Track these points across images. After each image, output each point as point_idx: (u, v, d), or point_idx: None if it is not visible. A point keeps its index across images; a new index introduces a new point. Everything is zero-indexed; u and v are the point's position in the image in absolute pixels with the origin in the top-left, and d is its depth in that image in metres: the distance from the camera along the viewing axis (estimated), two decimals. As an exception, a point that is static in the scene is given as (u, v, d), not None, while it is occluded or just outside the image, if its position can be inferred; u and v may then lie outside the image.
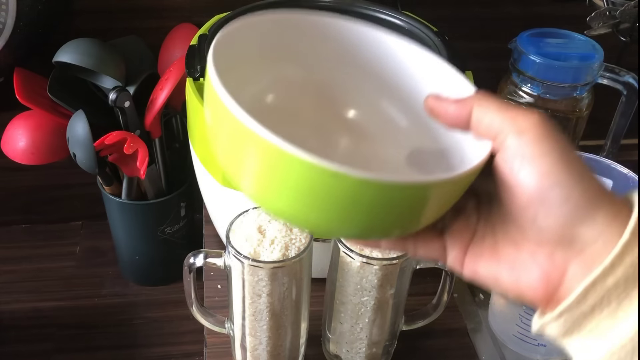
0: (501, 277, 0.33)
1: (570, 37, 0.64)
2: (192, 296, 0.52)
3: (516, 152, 0.31)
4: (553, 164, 0.30)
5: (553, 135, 0.31)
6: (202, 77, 0.56)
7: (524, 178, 0.30)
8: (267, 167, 0.30)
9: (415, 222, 0.33)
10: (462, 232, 0.35)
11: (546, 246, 0.31)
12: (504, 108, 0.32)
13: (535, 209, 0.31)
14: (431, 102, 0.35)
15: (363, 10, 0.66)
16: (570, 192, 0.30)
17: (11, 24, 0.64)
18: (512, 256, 0.33)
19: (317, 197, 0.30)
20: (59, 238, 0.89)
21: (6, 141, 0.69)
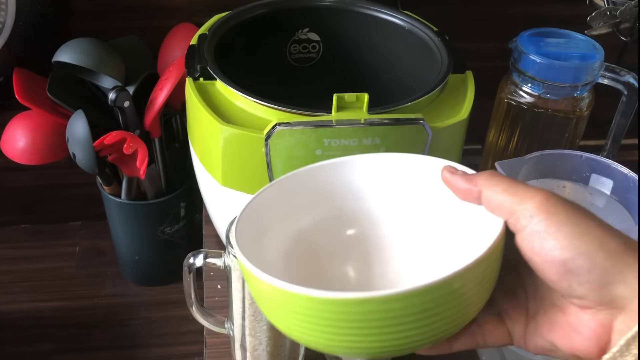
0: (557, 344, 0.35)
1: (571, 36, 0.64)
2: (191, 296, 0.52)
3: (532, 231, 0.33)
4: (569, 236, 0.32)
5: (563, 209, 0.32)
6: (201, 77, 0.56)
7: (547, 255, 0.32)
8: (333, 314, 0.32)
9: (463, 315, 0.35)
10: (516, 312, 0.37)
11: (589, 308, 0.33)
12: (511, 189, 0.34)
13: (568, 280, 0.32)
14: (446, 175, 0.39)
15: (363, 10, 0.66)
16: (594, 259, 0.31)
17: (11, 23, 0.64)
18: (561, 322, 0.35)
19: (360, 325, 0.32)
20: (58, 238, 0.89)
21: (6, 141, 0.69)
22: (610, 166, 0.55)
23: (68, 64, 0.65)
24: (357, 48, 0.68)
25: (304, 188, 0.44)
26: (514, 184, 0.35)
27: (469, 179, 0.37)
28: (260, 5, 0.65)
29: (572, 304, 0.34)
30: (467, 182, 0.37)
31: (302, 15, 0.67)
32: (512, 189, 0.34)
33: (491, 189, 0.35)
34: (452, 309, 0.33)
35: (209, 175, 0.57)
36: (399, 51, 0.66)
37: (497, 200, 0.35)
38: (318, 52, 0.69)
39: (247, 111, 0.53)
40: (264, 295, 0.35)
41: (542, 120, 0.64)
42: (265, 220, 0.42)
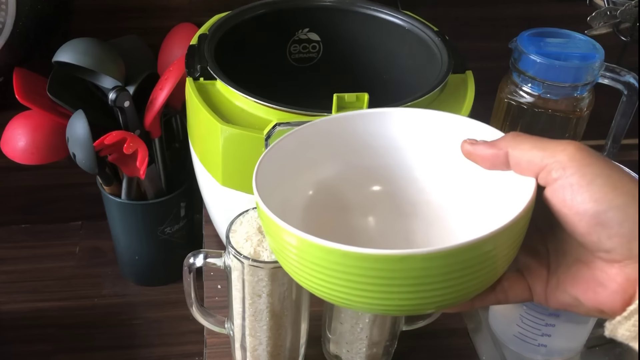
0: (581, 298, 0.35)
1: (571, 36, 0.64)
2: (192, 296, 0.52)
3: (564, 184, 0.32)
4: (602, 188, 0.31)
5: (595, 161, 0.32)
6: (201, 77, 0.56)
7: (578, 207, 0.32)
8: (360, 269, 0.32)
9: (492, 275, 0.35)
10: (538, 269, 0.37)
11: (616, 262, 0.33)
12: (539, 144, 0.34)
13: (598, 233, 0.32)
14: (467, 147, 0.38)
15: (363, 10, 0.66)
16: (627, 211, 0.31)
17: (11, 23, 0.64)
18: (586, 276, 0.34)
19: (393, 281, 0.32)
20: (58, 238, 0.89)
21: (6, 141, 0.69)
22: (610, 166, 0.55)
23: (68, 64, 0.65)
24: (357, 48, 0.68)
25: (329, 137, 0.43)
26: (541, 139, 0.34)
27: (492, 144, 0.36)
28: (260, 5, 0.65)
29: (599, 258, 0.33)
30: (491, 148, 0.36)
31: (302, 15, 0.67)
32: (540, 144, 0.34)
33: (518, 147, 0.35)
34: (483, 269, 0.33)
35: (209, 175, 0.57)
36: (399, 51, 0.66)
37: (526, 157, 0.34)
38: (318, 52, 0.69)
39: (247, 111, 0.53)
40: (286, 247, 0.34)
41: (542, 120, 0.64)
42: (285, 167, 0.41)
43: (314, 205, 0.42)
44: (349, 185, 0.44)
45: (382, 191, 0.44)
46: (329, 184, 0.43)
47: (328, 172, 0.43)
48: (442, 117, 0.42)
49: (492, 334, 0.61)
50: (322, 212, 0.42)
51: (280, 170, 0.41)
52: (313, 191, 0.43)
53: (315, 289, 0.35)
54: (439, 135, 0.42)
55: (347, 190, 0.44)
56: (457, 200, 0.42)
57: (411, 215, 0.43)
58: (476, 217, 0.41)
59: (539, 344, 0.57)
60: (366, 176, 0.44)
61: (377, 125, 0.43)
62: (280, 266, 0.46)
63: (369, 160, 0.44)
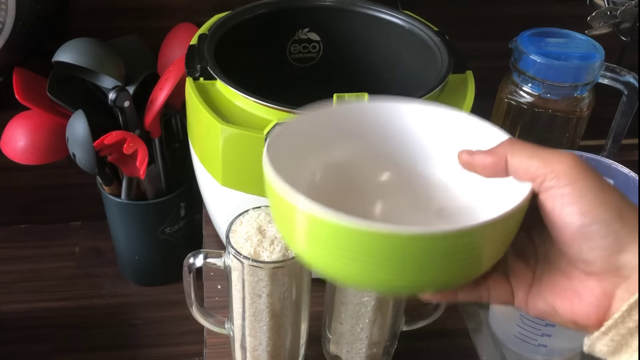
0: (557, 308, 0.36)
1: (571, 36, 0.64)
2: (191, 296, 0.52)
3: (556, 193, 0.33)
4: (591, 202, 0.32)
5: (589, 176, 0.33)
6: (201, 77, 0.56)
7: (565, 217, 0.33)
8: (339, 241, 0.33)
9: (476, 267, 0.36)
10: (523, 273, 0.38)
11: (594, 275, 0.34)
12: (537, 153, 0.35)
13: (580, 244, 0.33)
14: (465, 157, 0.39)
15: (363, 10, 0.66)
16: (610, 227, 0.32)
17: (10, 23, 0.64)
18: (565, 286, 0.35)
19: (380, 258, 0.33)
20: (58, 238, 0.89)
21: (6, 141, 0.69)
22: (610, 166, 0.55)
23: (68, 64, 0.65)
24: (357, 48, 0.68)
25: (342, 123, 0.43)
26: (540, 148, 0.35)
27: (490, 153, 0.37)
28: (260, 5, 0.65)
29: (579, 269, 0.34)
30: (491, 156, 0.37)
31: (302, 15, 0.67)
32: (538, 153, 0.35)
33: (516, 155, 0.35)
34: (468, 258, 0.34)
35: (209, 175, 0.57)
36: (399, 51, 0.66)
37: (524, 165, 0.35)
38: (318, 52, 0.69)
39: (247, 111, 0.53)
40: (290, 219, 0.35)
41: (543, 120, 0.64)
42: (296, 147, 0.41)
43: (321, 187, 0.43)
44: (358, 171, 0.44)
45: (389, 181, 0.45)
46: (338, 167, 0.44)
47: (338, 156, 0.44)
48: (457, 116, 0.43)
49: (492, 334, 0.61)
50: (329, 195, 0.42)
51: (290, 150, 0.41)
52: (321, 173, 0.43)
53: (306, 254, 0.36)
54: (450, 132, 0.43)
55: (356, 176, 0.44)
56: (460, 200, 0.43)
57: (415, 206, 0.44)
58: (473, 213, 0.41)
59: (539, 344, 0.57)
60: (375, 165, 0.45)
61: (391, 117, 0.44)
62: (280, 266, 0.46)
63: (378, 149, 0.44)
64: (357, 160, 0.44)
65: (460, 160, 0.39)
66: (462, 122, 0.42)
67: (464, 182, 0.42)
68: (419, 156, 0.44)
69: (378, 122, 0.44)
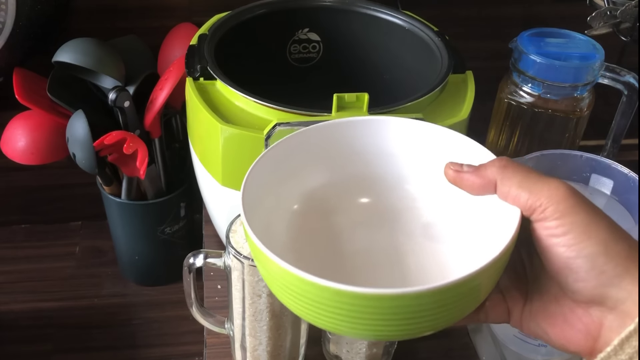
0: (548, 332, 0.36)
1: (571, 36, 0.64)
2: (191, 296, 0.52)
3: (543, 226, 0.33)
4: (577, 236, 0.32)
5: (577, 210, 0.33)
6: (201, 77, 0.56)
7: (552, 249, 0.33)
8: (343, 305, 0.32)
9: (477, 302, 0.35)
10: (517, 293, 0.38)
11: (582, 304, 0.34)
12: (527, 182, 0.34)
13: (566, 276, 0.33)
14: (452, 175, 0.38)
15: (363, 10, 0.66)
16: (594, 261, 0.32)
17: (10, 23, 0.64)
18: (555, 312, 0.36)
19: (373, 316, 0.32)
20: (58, 238, 0.89)
21: (6, 141, 0.69)
22: (610, 166, 0.55)
23: (68, 64, 0.65)
24: (357, 48, 0.68)
25: (316, 146, 0.42)
26: (529, 177, 0.35)
27: (479, 174, 0.36)
28: (260, 5, 0.65)
29: (567, 297, 0.35)
30: (479, 178, 0.36)
31: (302, 15, 0.67)
32: (528, 184, 0.34)
33: (505, 183, 0.35)
34: (469, 299, 0.34)
35: (209, 175, 0.57)
36: (399, 51, 0.66)
37: (513, 194, 0.35)
38: (318, 52, 0.69)
39: (247, 111, 0.53)
40: (273, 275, 0.34)
41: (542, 120, 0.64)
42: (271, 179, 0.41)
43: (300, 218, 0.42)
44: (336, 197, 0.43)
45: (370, 203, 0.44)
46: (315, 195, 0.43)
47: (315, 182, 0.43)
48: (436, 130, 0.42)
49: (492, 334, 0.61)
50: (308, 226, 0.42)
51: (266, 182, 0.40)
52: (299, 203, 0.42)
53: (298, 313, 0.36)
54: (431, 148, 0.42)
55: (335, 202, 0.43)
56: (446, 216, 0.42)
57: (400, 231, 0.43)
58: (465, 234, 0.41)
59: (539, 344, 0.57)
60: (354, 187, 0.44)
61: (368, 134, 0.43)
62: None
63: (358, 169, 0.44)
64: (335, 184, 0.43)
65: (446, 175, 0.38)
66: (444, 137, 0.41)
67: (449, 196, 0.41)
68: (401, 172, 0.43)
69: (355, 140, 0.43)
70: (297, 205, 0.42)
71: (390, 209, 0.43)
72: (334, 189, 0.43)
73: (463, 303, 0.34)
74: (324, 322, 0.34)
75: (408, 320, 0.33)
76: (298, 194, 0.42)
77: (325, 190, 0.43)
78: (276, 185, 0.41)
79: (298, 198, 0.42)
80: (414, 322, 0.33)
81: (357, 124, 0.43)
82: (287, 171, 0.42)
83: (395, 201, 0.44)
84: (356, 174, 0.44)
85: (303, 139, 0.42)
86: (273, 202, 0.41)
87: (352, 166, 0.44)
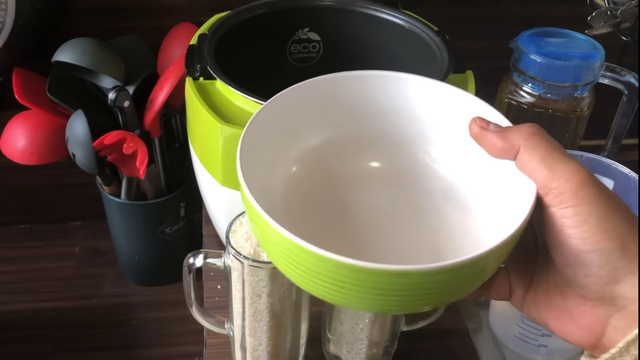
0: (550, 323, 0.35)
1: (571, 36, 0.64)
2: (191, 296, 0.52)
3: (557, 213, 0.32)
4: (592, 229, 0.31)
5: (596, 199, 0.31)
6: (201, 77, 0.56)
7: (565, 239, 0.31)
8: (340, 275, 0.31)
9: (483, 279, 0.34)
10: (522, 274, 0.36)
11: (589, 300, 0.32)
12: (549, 160, 0.32)
13: (576, 269, 0.32)
14: (477, 130, 0.36)
15: (363, 10, 0.66)
16: (609, 257, 0.31)
17: (10, 23, 0.64)
18: (559, 305, 0.34)
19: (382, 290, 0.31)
20: (58, 238, 0.89)
21: (5, 141, 0.69)
22: (610, 166, 0.55)
23: (68, 63, 0.65)
24: (357, 48, 0.68)
25: (320, 100, 0.39)
26: (553, 153, 0.33)
27: (504, 136, 0.34)
28: (260, 5, 0.65)
29: (574, 291, 0.33)
30: (502, 140, 0.34)
31: (302, 15, 0.67)
32: (549, 161, 0.32)
33: (528, 152, 0.33)
34: (476, 278, 0.33)
35: (209, 175, 0.57)
36: (399, 51, 0.66)
37: (531, 166, 0.33)
38: (318, 52, 0.69)
39: (247, 111, 0.53)
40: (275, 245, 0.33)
41: (543, 120, 0.64)
42: (271, 137, 0.38)
43: (303, 179, 0.39)
44: (341, 159, 0.40)
45: (379, 168, 0.41)
46: (317, 156, 0.40)
47: (316, 141, 0.40)
48: (457, 93, 0.39)
49: (493, 334, 0.61)
50: (312, 188, 0.39)
51: (265, 141, 0.37)
52: (299, 165, 0.39)
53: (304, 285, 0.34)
54: (448, 111, 0.39)
55: (340, 165, 0.41)
56: (459, 184, 0.40)
57: (409, 199, 0.40)
58: (476, 207, 0.39)
59: (539, 344, 0.57)
60: (362, 148, 0.41)
61: (380, 90, 0.40)
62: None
63: (366, 128, 0.40)
64: (340, 144, 0.40)
65: (470, 130, 0.36)
66: (466, 103, 0.39)
67: (466, 166, 0.39)
68: (415, 134, 0.40)
69: (365, 97, 0.40)
70: (297, 166, 0.40)
71: (400, 171, 0.41)
72: (338, 150, 0.41)
73: (468, 281, 0.33)
74: (322, 293, 0.33)
75: (411, 297, 0.31)
76: (297, 155, 0.40)
77: (328, 152, 0.40)
78: (277, 143, 0.38)
79: (300, 158, 0.40)
80: (416, 298, 0.32)
81: (369, 78, 0.39)
82: (289, 128, 0.39)
83: (408, 163, 0.41)
84: (363, 133, 0.41)
85: (307, 92, 0.39)
86: (273, 161, 0.38)
87: (358, 124, 0.40)
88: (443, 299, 0.33)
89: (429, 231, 0.39)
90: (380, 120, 0.40)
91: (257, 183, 0.34)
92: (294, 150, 0.39)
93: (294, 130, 0.39)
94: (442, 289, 0.32)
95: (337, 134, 0.40)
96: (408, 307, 0.33)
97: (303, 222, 0.37)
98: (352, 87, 0.40)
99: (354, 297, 0.32)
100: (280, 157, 0.39)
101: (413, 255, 0.38)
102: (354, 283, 0.31)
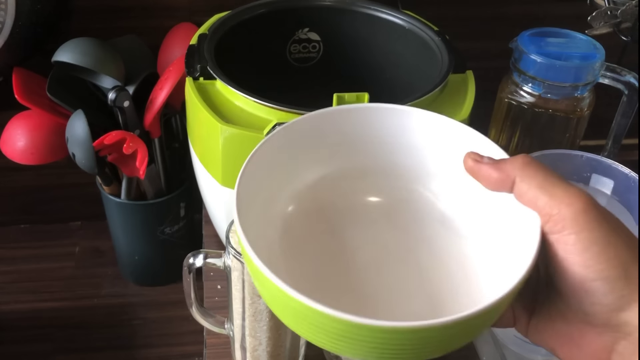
0: (556, 349, 0.34)
1: (571, 36, 0.64)
2: (191, 297, 0.52)
3: (560, 240, 0.31)
4: (595, 256, 0.30)
5: (597, 225, 0.30)
6: (201, 77, 0.56)
7: (568, 267, 0.31)
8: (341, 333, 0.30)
9: (484, 328, 0.34)
10: (526, 301, 0.36)
11: (594, 327, 0.32)
12: (548, 186, 0.32)
13: (580, 297, 0.31)
14: (471, 162, 0.35)
15: (363, 10, 0.66)
16: (613, 285, 0.30)
17: (10, 23, 0.64)
18: (565, 332, 0.33)
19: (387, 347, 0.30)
20: (58, 238, 0.89)
21: (5, 141, 0.69)
22: (611, 166, 0.55)
23: (68, 63, 0.64)
24: (357, 48, 0.68)
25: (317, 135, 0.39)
26: (551, 180, 0.32)
27: (499, 167, 0.34)
28: (260, 5, 0.65)
29: (578, 318, 0.32)
30: (497, 171, 0.34)
31: (302, 15, 0.67)
32: (548, 187, 0.32)
33: (525, 181, 0.32)
34: (478, 326, 0.33)
35: (209, 175, 0.57)
36: (399, 51, 0.66)
37: (530, 195, 0.32)
38: (318, 52, 0.69)
39: (247, 111, 0.53)
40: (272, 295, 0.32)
41: (543, 120, 0.64)
42: (267, 180, 0.38)
43: (299, 220, 0.39)
44: (339, 194, 0.40)
45: (378, 202, 0.41)
46: (314, 193, 0.39)
47: (312, 177, 0.40)
48: (457, 127, 0.38)
49: (492, 334, 0.61)
50: (307, 230, 0.38)
51: (261, 184, 0.37)
52: (295, 204, 0.39)
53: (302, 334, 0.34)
54: (448, 144, 0.39)
55: (337, 200, 0.40)
56: (461, 219, 0.39)
57: (409, 233, 0.40)
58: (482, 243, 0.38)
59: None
60: (359, 182, 0.40)
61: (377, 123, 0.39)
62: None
63: (364, 162, 0.40)
64: (341, 177, 0.40)
65: (465, 164, 0.36)
66: (461, 134, 0.39)
67: (467, 200, 0.39)
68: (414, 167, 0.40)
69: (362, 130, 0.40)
70: (294, 205, 0.39)
71: (399, 204, 0.40)
72: (335, 186, 0.40)
73: (473, 329, 0.32)
74: (320, 343, 0.32)
75: (412, 351, 0.31)
76: (296, 192, 0.39)
77: (325, 189, 0.40)
78: (272, 184, 0.38)
79: (295, 196, 0.39)
80: (419, 350, 0.31)
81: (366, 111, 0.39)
82: (285, 167, 0.39)
83: (407, 197, 0.40)
84: (361, 167, 0.40)
85: (298, 130, 0.39)
86: (269, 203, 0.38)
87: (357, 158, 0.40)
88: (449, 347, 0.33)
89: (431, 265, 0.39)
90: (379, 153, 0.40)
91: (254, 231, 0.33)
92: (290, 189, 0.39)
93: (290, 168, 0.39)
94: (446, 341, 0.31)
95: (334, 169, 0.40)
96: (411, 358, 0.32)
97: (300, 264, 0.37)
98: (344, 121, 0.40)
99: (354, 348, 0.31)
100: (276, 197, 0.39)
101: (416, 293, 0.38)
102: (353, 338, 0.30)
